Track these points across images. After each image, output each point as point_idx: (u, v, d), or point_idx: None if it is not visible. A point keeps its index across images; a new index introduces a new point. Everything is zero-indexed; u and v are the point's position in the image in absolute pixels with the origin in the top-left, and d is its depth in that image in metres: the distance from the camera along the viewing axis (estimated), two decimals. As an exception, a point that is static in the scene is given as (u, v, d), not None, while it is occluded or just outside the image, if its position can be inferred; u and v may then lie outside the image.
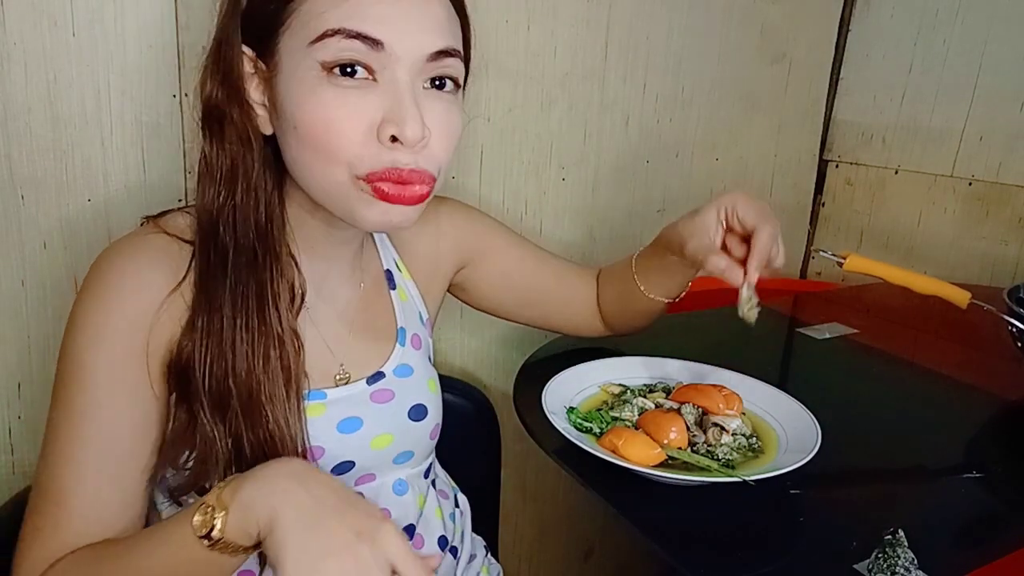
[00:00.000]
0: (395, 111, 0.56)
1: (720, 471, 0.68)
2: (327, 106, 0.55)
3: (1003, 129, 1.39)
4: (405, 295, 0.78)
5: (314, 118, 0.56)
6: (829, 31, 1.60)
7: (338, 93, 0.55)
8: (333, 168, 0.57)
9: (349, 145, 0.56)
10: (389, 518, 0.50)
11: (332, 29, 0.54)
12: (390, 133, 0.55)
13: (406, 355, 0.75)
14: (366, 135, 0.56)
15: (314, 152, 0.57)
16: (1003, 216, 1.41)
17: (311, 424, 0.64)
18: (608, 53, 1.28)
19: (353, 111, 0.55)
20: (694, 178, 1.48)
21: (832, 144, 1.68)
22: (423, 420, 0.74)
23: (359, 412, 0.69)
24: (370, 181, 0.57)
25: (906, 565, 0.57)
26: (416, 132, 0.55)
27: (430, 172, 0.59)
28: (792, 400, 0.79)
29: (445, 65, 0.59)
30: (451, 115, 0.61)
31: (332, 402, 0.68)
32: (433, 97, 0.59)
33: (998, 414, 0.95)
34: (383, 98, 0.56)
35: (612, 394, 0.83)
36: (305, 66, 0.56)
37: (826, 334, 1.13)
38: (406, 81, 0.56)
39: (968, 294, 0.93)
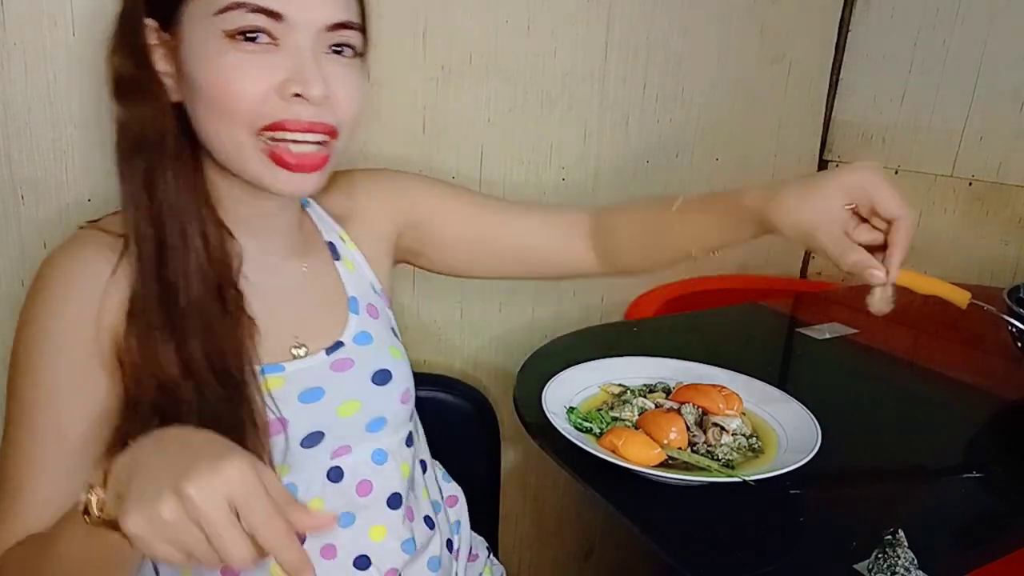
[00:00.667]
0: (298, 71, 0.59)
1: (720, 471, 0.68)
2: (230, 67, 0.58)
3: (1003, 129, 1.39)
4: (352, 265, 0.78)
5: (217, 79, 0.58)
6: (829, 31, 1.60)
7: (241, 56, 0.58)
8: (235, 127, 0.59)
9: (251, 102, 0.58)
10: (246, 454, 0.45)
11: (235, 2, 0.57)
12: (293, 91, 0.58)
13: (363, 323, 0.75)
14: (268, 93, 0.58)
15: (219, 113, 0.59)
16: (1003, 216, 1.41)
17: (270, 395, 0.65)
18: (608, 53, 1.28)
19: (255, 71, 0.58)
20: (694, 178, 1.48)
21: (832, 144, 1.68)
22: (388, 384, 0.74)
23: (320, 382, 0.69)
24: (270, 129, 0.59)
25: (906, 565, 0.57)
26: (319, 89, 0.59)
27: (332, 124, 0.62)
28: (792, 400, 0.79)
29: (343, 35, 0.62)
30: (352, 77, 0.63)
31: (291, 374, 0.68)
32: (334, 61, 0.62)
33: (998, 414, 0.94)
34: (285, 60, 0.59)
35: (612, 394, 0.83)
36: (209, 34, 0.58)
37: (826, 334, 1.13)
38: (307, 46, 0.59)
39: (968, 294, 0.93)
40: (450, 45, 1.12)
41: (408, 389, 0.76)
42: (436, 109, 1.13)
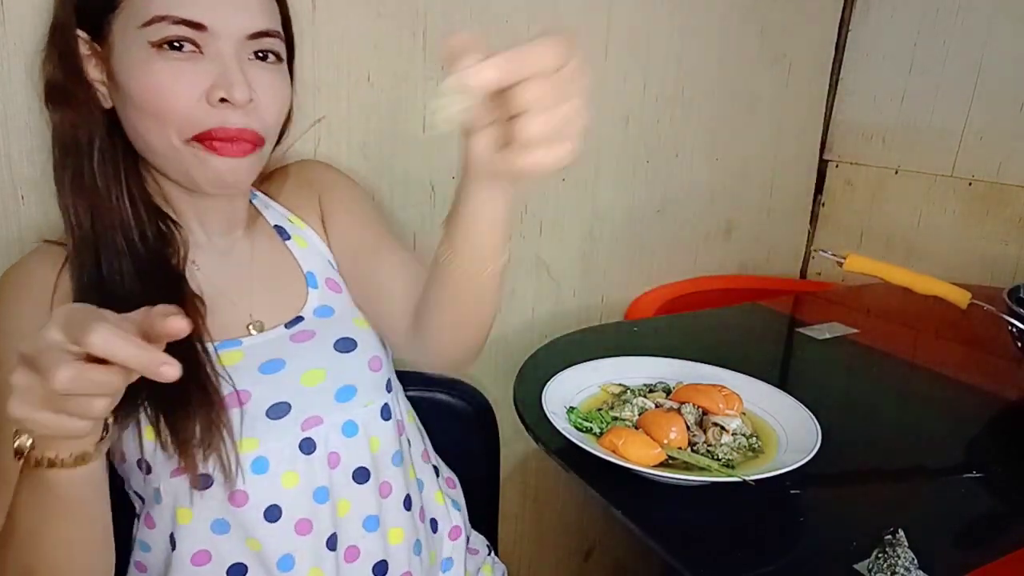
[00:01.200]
0: (224, 76, 0.62)
1: (720, 471, 0.68)
2: (158, 75, 0.61)
3: (1003, 129, 1.39)
4: (304, 242, 0.79)
5: (147, 86, 0.61)
6: (829, 31, 1.60)
7: (168, 64, 0.61)
8: (167, 131, 0.62)
9: (181, 108, 0.61)
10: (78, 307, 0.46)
11: (159, 15, 0.60)
12: (219, 96, 0.61)
13: (324, 297, 0.76)
14: (196, 99, 0.61)
15: (151, 118, 0.62)
16: (1003, 216, 1.41)
17: (230, 370, 0.67)
18: (608, 53, 1.28)
19: (183, 78, 0.61)
20: (694, 178, 1.48)
21: (832, 144, 1.68)
22: (353, 351, 0.74)
23: (280, 354, 0.70)
24: (198, 141, 0.62)
25: (906, 565, 0.57)
26: (244, 94, 0.61)
27: (257, 132, 0.65)
28: (792, 400, 0.79)
29: (264, 43, 0.65)
30: (276, 82, 0.67)
31: (249, 347, 0.70)
32: (258, 67, 0.65)
33: (998, 414, 0.94)
34: (210, 67, 0.62)
35: (612, 394, 0.83)
36: (137, 45, 0.61)
37: (826, 334, 1.13)
38: (231, 53, 0.62)
39: (968, 294, 0.93)
40: (450, 45, 1.12)
41: (378, 357, 0.76)
42: (436, 109, 1.13)
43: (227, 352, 0.68)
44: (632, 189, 1.40)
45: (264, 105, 0.65)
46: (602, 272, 1.41)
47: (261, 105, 0.65)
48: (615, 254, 1.42)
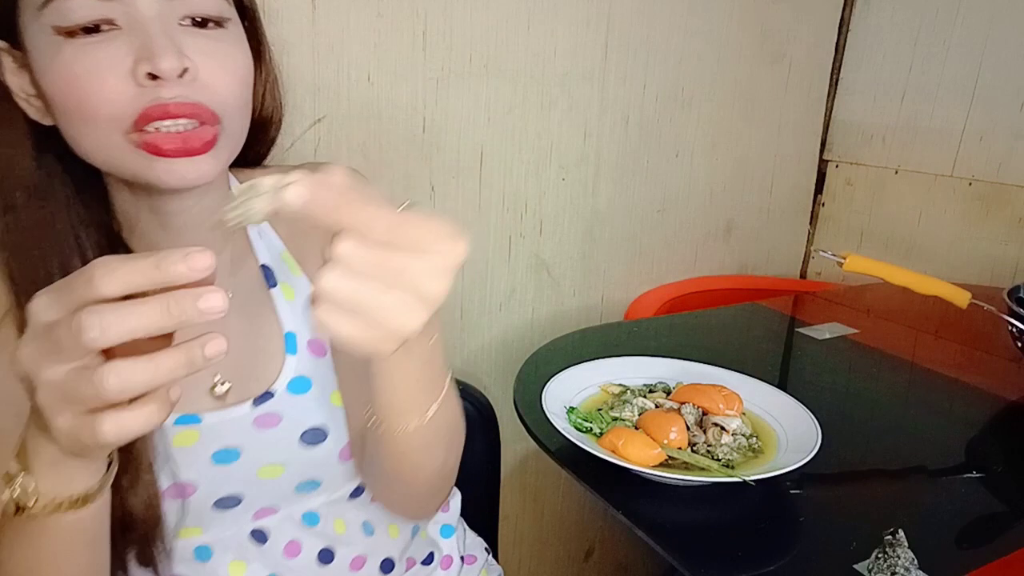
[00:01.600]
0: (146, 47, 0.50)
1: (720, 471, 0.68)
2: (71, 65, 0.50)
3: (1003, 129, 1.39)
4: (292, 293, 0.66)
5: (64, 83, 0.50)
6: (829, 31, 1.60)
7: (80, 51, 0.50)
8: (101, 129, 0.51)
9: (107, 98, 0.50)
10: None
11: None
12: (145, 70, 0.50)
13: (302, 365, 0.64)
14: (122, 83, 0.50)
15: (78, 120, 0.52)
16: (1003, 216, 1.41)
17: (180, 454, 0.58)
18: (608, 53, 1.28)
19: (101, 63, 0.50)
20: (694, 178, 1.48)
21: (832, 144, 1.68)
22: (322, 443, 0.64)
23: (238, 441, 0.61)
24: (138, 129, 0.51)
25: (906, 565, 0.57)
26: (172, 62, 0.50)
27: (207, 106, 0.52)
28: (792, 400, 0.79)
29: (193, 5, 0.53)
30: (224, 49, 0.54)
31: (207, 428, 0.60)
32: (194, 34, 0.53)
33: (998, 414, 0.94)
34: (131, 40, 0.50)
35: (612, 394, 0.83)
36: (43, 36, 0.50)
37: (826, 334, 1.13)
38: (151, 16, 0.51)
39: (968, 294, 0.93)
40: (450, 45, 1.12)
41: (353, 441, 0.66)
42: (436, 109, 1.13)
43: (183, 431, 0.59)
44: (632, 189, 1.40)
45: (210, 74, 0.53)
46: (602, 272, 1.41)
47: (205, 75, 0.53)
48: (615, 254, 1.42)
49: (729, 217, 1.58)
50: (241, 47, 0.57)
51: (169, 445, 0.58)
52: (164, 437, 0.58)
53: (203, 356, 0.37)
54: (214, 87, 0.53)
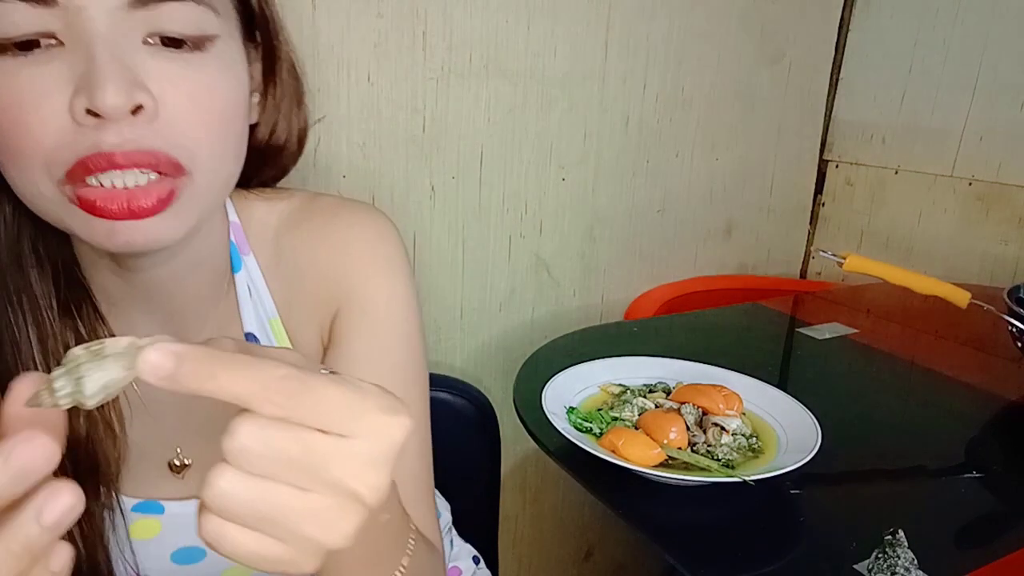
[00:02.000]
0: (88, 75, 0.38)
1: (720, 471, 0.68)
2: (1, 92, 0.39)
3: (1003, 129, 1.39)
4: None
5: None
6: (829, 31, 1.60)
7: (11, 73, 0.39)
8: (31, 177, 0.40)
9: (39, 139, 0.39)
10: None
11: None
12: (83, 106, 0.38)
13: None
14: (56, 119, 0.39)
15: (6, 156, 0.41)
16: (1003, 216, 1.41)
17: (138, 546, 0.51)
18: (608, 53, 1.28)
19: (33, 90, 0.39)
20: (694, 178, 1.48)
21: (832, 144, 1.68)
22: None
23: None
24: (71, 182, 0.40)
25: (906, 565, 0.57)
26: (118, 96, 0.38)
27: (167, 154, 0.40)
28: (792, 400, 0.79)
29: (164, 15, 0.40)
30: (199, 78, 0.42)
31: (170, 519, 0.52)
32: (164, 57, 0.41)
33: (998, 414, 0.94)
34: (73, 62, 0.39)
35: (612, 394, 0.83)
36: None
37: (826, 334, 1.13)
38: (101, 32, 0.38)
39: (968, 294, 0.93)
40: (450, 45, 1.12)
41: None
42: (436, 109, 1.13)
43: (143, 520, 0.51)
44: (632, 189, 1.40)
45: (176, 111, 0.41)
46: (602, 272, 1.41)
47: (170, 112, 0.41)
48: (615, 254, 1.42)
49: (729, 217, 1.58)
50: (228, 73, 0.44)
51: (126, 536, 0.50)
52: (122, 525, 0.49)
53: (42, 529, 0.27)
54: (181, 128, 0.41)
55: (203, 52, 0.42)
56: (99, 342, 0.28)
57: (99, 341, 0.28)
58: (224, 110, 0.43)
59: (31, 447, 0.26)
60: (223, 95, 0.43)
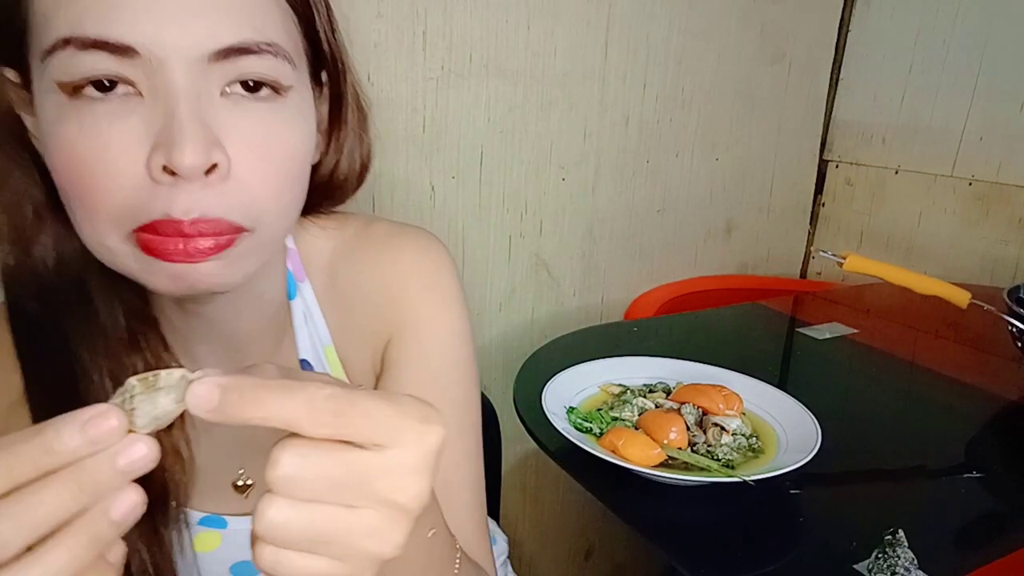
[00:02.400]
0: (166, 130, 0.38)
1: (720, 471, 0.68)
2: (74, 142, 0.38)
3: (1003, 129, 1.39)
4: None
5: (65, 160, 0.39)
6: (829, 31, 1.60)
7: (86, 120, 0.38)
8: (101, 230, 0.40)
9: (113, 194, 0.39)
10: None
11: (62, 39, 0.37)
12: (160, 163, 0.38)
13: None
14: (132, 174, 0.39)
15: (77, 205, 0.40)
16: (1003, 216, 1.41)
17: (200, 558, 0.53)
18: (608, 53, 1.28)
19: (111, 143, 0.38)
20: (694, 178, 1.48)
21: (832, 144, 1.68)
22: None
23: None
24: (144, 231, 0.40)
25: (906, 565, 0.57)
26: (196, 157, 0.37)
27: (229, 221, 0.40)
28: (792, 400, 0.79)
29: (243, 68, 0.40)
30: (272, 131, 0.42)
31: (231, 534, 0.54)
32: (240, 109, 0.41)
33: (998, 414, 0.94)
34: (152, 116, 0.38)
35: (612, 394, 0.83)
36: (44, 90, 0.39)
37: (826, 334, 1.13)
38: (183, 86, 0.38)
39: (968, 294, 0.93)
40: (450, 45, 1.12)
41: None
42: (436, 109, 1.13)
43: (206, 534, 0.53)
44: (632, 189, 1.40)
45: (248, 170, 0.41)
46: (602, 272, 1.41)
47: (242, 170, 0.40)
48: (615, 254, 1.42)
49: (729, 217, 1.58)
50: (299, 123, 0.44)
51: (191, 548, 0.52)
52: (188, 540, 0.51)
53: (111, 524, 0.29)
54: (251, 187, 0.41)
55: (277, 102, 0.42)
56: (154, 374, 0.29)
57: (154, 373, 0.29)
58: (293, 163, 0.44)
59: (107, 416, 0.28)
60: (293, 147, 0.44)
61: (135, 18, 0.37)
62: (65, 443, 0.28)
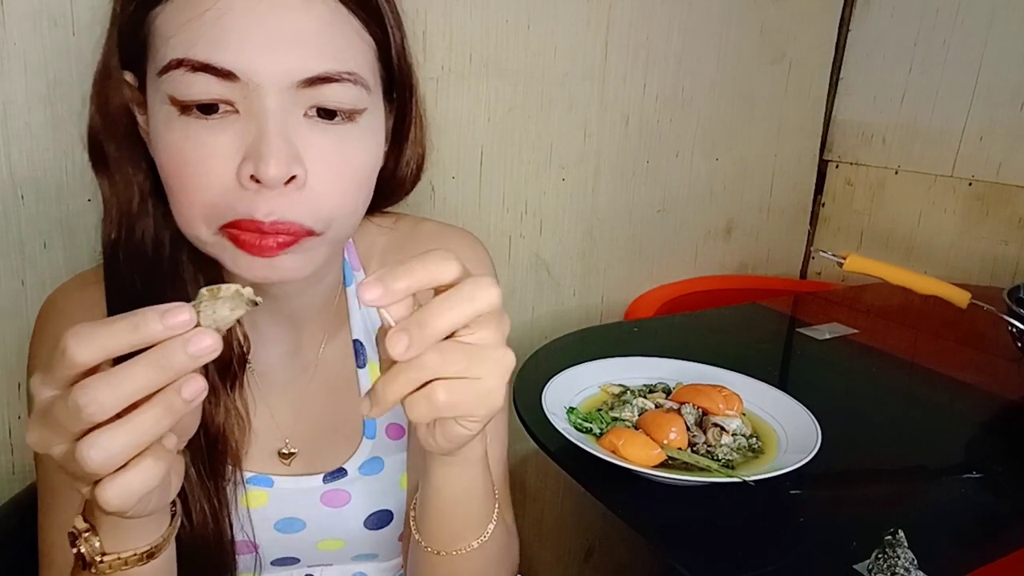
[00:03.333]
0: (256, 145, 0.45)
1: (720, 471, 0.68)
2: (180, 148, 0.46)
3: (1003, 129, 1.39)
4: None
5: (168, 160, 0.47)
6: (829, 31, 1.60)
7: (191, 131, 0.46)
8: (194, 223, 0.48)
9: (206, 195, 0.47)
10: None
11: (176, 60, 0.45)
12: (248, 172, 0.45)
13: (378, 448, 0.63)
14: (224, 179, 0.46)
15: (176, 200, 0.48)
16: (1003, 216, 1.41)
17: (244, 514, 0.59)
18: (608, 53, 1.28)
19: (209, 153, 0.46)
20: (694, 178, 1.48)
21: (832, 144, 1.68)
22: (385, 528, 0.64)
23: (304, 513, 0.61)
24: (224, 229, 0.48)
25: (906, 565, 0.57)
26: (279, 169, 0.45)
27: (302, 225, 0.47)
28: (792, 400, 0.79)
29: (326, 94, 0.47)
30: (345, 150, 0.49)
31: (277, 493, 0.60)
32: (319, 129, 0.48)
33: (998, 414, 0.94)
34: (245, 131, 0.46)
35: (612, 394, 0.83)
36: (158, 98, 0.47)
37: (826, 334, 1.13)
38: (273, 109, 0.46)
39: (968, 294, 0.93)
40: (450, 45, 1.12)
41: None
42: (436, 109, 1.13)
43: (255, 491, 0.59)
44: (632, 189, 1.40)
45: (322, 182, 0.48)
46: (602, 272, 1.41)
47: (317, 182, 0.47)
48: (615, 254, 1.42)
49: (729, 217, 1.58)
50: (368, 142, 0.51)
51: (241, 504, 0.58)
52: (241, 492, 0.58)
53: (182, 400, 0.36)
54: (323, 197, 0.48)
55: (353, 124, 0.49)
56: (218, 287, 0.37)
57: (218, 286, 0.37)
58: (361, 176, 0.51)
59: (181, 310, 0.35)
60: (363, 162, 0.51)
61: (239, 47, 0.45)
62: (149, 325, 0.34)
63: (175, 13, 0.46)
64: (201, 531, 0.54)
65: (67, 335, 0.34)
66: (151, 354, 0.35)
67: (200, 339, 0.35)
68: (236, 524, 0.58)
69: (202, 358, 0.35)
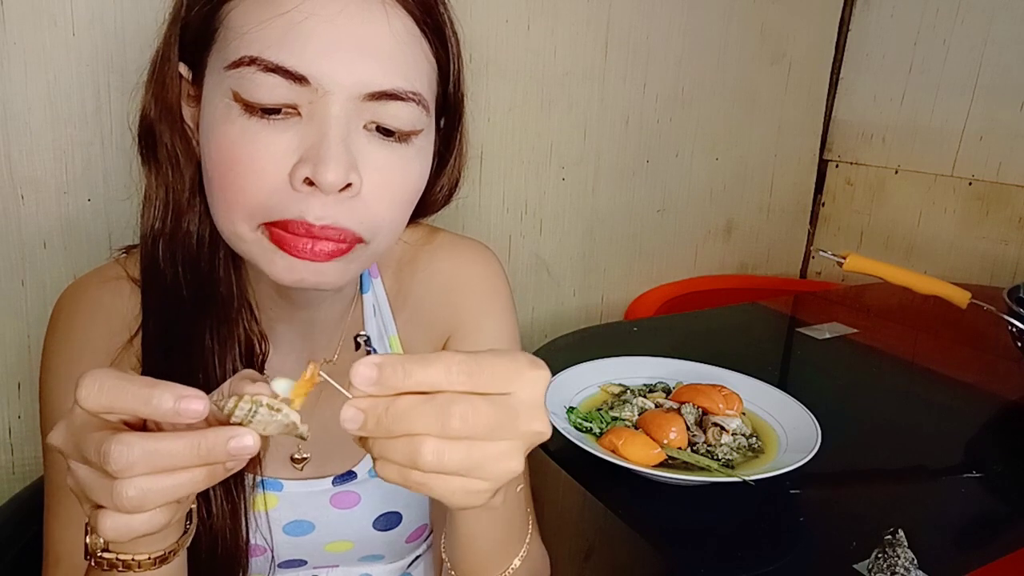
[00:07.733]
0: (315, 148, 0.45)
1: (720, 471, 0.68)
2: (234, 143, 0.46)
3: (1003, 129, 1.39)
4: None
5: (220, 155, 0.47)
6: (829, 31, 1.60)
7: (249, 128, 0.46)
8: (235, 218, 0.48)
9: (255, 193, 0.46)
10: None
11: (249, 57, 0.45)
12: (304, 175, 0.45)
13: None
14: (277, 178, 0.46)
15: (220, 195, 0.48)
16: (1003, 216, 1.41)
17: (258, 517, 0.59)
18: (608, 53, 1.28)
19: (264, 151, 0.46)
20: (694, 178, 1.48)
21: (832, 144, 1.68)
22: (394, 529, 0.64)
23: (313, 515, 0.62)
24: (269, 227, 0.47)
25: (906, 565, 0.57)
26: (338, 175, 0.45)
27: (352, 231, 0.48)
28: (792, 400, 0.79)
29: (387, 111, 0.48)
30: (399, 166, 0.49)
31: (287, 496, 0.61)
32: (376, 143, 0.48)
33: (998, 414, 0.94)
34: (305, 134, 0.46)
35: (612, 394, 0.83)
36: (220, 92, 0.47)
37: (826, 334, 1.13)
38: (337, 116, 0.46)
39: (968, 294, 0.93)
40: (450, 45, 1.12)
41: (423, 527, 0.67)
42: (436, 109, 1.13)
43: (268, 494, 0.60)
44: (632, 189, 1.40)
45: (373, 193, 0.48)
46: (602, 272, 1.41)
47: (368, 193, 0.47)
48: (615, 254, 1.42)
49: (729, 217, 1.58)
50: (420, 161, 0.52)
51: (252, 508, 0.58)
52: (252, 500, 0.58)
53: (224, 470, 0.36)
54: (373, 208, 0.48)
55: (408, 144, 0.50)
56: (281, 404, 0.37)
57: (282, 404, 0.37)
58: (409, 192, 0.51)
59: (196, 400, 0.34)
60: (413, 179, 0.51)
61: (314, 54, 0.45)
62: (161, 403, 0.34)
63: (254, 9, 0.46)
64: (219, 535, 0.54)
65: (85, 375, 0.34)
66: (194, 437, 0.35)
67: (243, 440, 0.35)
68: (251, 527, 0.58)
69: (239, 458, 0.36)
